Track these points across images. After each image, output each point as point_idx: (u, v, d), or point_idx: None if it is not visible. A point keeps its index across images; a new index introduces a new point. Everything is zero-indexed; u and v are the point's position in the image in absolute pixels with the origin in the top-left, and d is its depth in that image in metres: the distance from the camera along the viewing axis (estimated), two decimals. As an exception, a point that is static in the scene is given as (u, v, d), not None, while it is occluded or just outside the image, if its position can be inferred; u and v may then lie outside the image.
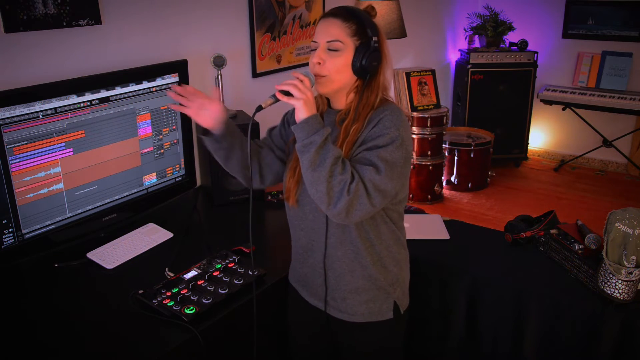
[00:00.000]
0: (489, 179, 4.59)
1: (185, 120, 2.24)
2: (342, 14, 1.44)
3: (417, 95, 4.14)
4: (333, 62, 1.43)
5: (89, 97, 1.87)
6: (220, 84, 2.44)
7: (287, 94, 1.36)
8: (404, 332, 1.71)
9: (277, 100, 1.38)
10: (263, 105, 1.40)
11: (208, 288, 1.67)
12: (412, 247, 1.76)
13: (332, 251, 1.54)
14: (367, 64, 1.42)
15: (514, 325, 1.93)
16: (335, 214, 1.37)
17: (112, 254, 1.93)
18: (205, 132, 1.55)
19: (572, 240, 1.94)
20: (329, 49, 1.43)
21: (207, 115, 1.49)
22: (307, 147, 1.34)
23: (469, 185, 4.47)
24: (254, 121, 2.37)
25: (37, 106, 1.73)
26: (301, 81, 1.36)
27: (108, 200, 2.02)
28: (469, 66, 4.66)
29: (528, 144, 5.00)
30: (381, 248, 1.54)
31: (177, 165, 2.26)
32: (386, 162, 1.36)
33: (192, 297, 1.62)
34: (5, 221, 1.72)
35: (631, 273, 1.67)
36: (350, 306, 1.58)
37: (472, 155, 4.35)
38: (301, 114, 1.35)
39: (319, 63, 1.43)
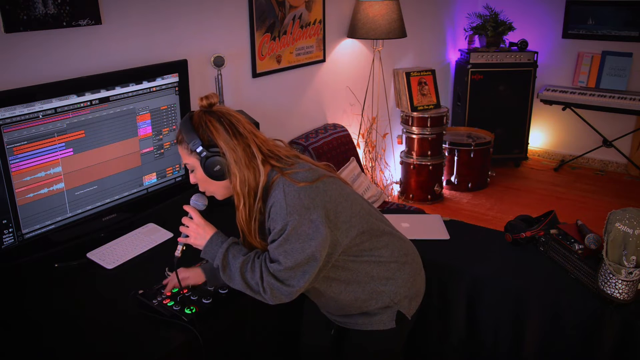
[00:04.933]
0: (489, 179, 4.59)
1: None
2: (177, 137, 1.52)
3: (417, 95, 4.14)
4: (198, 180, 1.53)
5: (89, 97, 1.87)
6: (220, 83, 2.44)
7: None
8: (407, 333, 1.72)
9: (184, 245, 1.59)
10: (178, 254, 1.59)
11: (208, 288, 1.67)
12: (412, 247, 1.76)
13: (315, 300, 1.66)
14: (210, 173, 1.47)
15: (514, 325, 1.93)
16: (271, 304, 1.47)
17: (112, 254, 1.93)
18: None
19: (572, 240, 1.94)
20: (190, 171, 1.54)
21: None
22: (218, 269, 1.50)
23: (469, 185, 4.47)
24: (255, 121, 2.38)
25: (37, 106, 1.73)
26: (188, 215, 1.57)
27: (108, 200, 2.02)
28: (469, 66, 4.65)
29: (528, 144, 5.00)
30: (359, 279, 1.55)
31: (177, 165, 2.26)
32: (284, 252, 1.41)
33: (192, 297, 1.62)
34: (5, 221, 1.72)
35: (631, 273, 1.67)
36: (351, 318, 1.64)
37: (472, 155, 4.35)
38: (199, 247, 1.55)
39: (197, 182, 1.55)
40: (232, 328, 1.68)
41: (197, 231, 1.55)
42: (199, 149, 1.45)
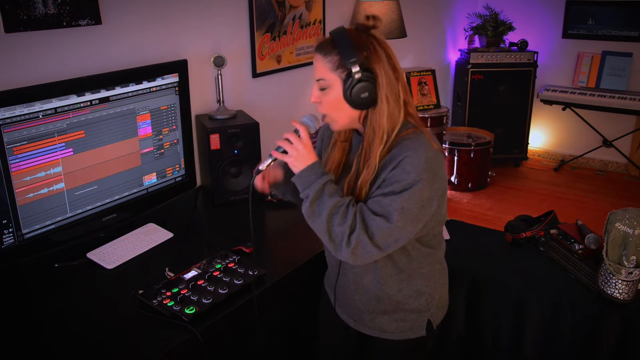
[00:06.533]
0: (489, 179, 4.59)
1: (186, 121, 2.24)
2: (322, 47, 1.36)
3: (417, 95, 4.14)
4: (326, 100, 1.38)
5: (89, 97, 1.87)
6: (221, 83, 2.44)
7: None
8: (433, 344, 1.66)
9: (275, 159, 1.41)
10: (262, 168, 1.44)
11: (208, 288, 1.67)
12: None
13: (357, 279, 1.53)
14: (354, 97, 1.33)
15: (514, 325, 1.93)
16: (343, 259, 1.36)
17: (112, 254, 1.93)
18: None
19: (572, 240, 1.94)
20: (320, 88, 1.38)
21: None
22: (304, 200, 1.35)
23: (469, 185, 4.47)
24: (255, 121, 2.38)
25: (37, 106, 1.73)
26: (296, 131, 1.38)
27: (108, 200, 2.02)
28: (469, 66, 4.66)
29: (528, 143, 5.00)
30: (411, 271, 1.49)
31: (177, 165, 2.26)
32: (401, 210, 1.29)
33: (192, 297, 1.62)
34: (5, 221, 1.72)
35: (631, 273, 1.67)
36: (379, 324, 1.57)
37: (472, 155, 4.35)
38: (295, 169, 1.37)
39: (318, 102, 1.41)
40: (232, 328, 1.68)
41: (302, 151, 1.36)
42: (356, 68, 1.29)
